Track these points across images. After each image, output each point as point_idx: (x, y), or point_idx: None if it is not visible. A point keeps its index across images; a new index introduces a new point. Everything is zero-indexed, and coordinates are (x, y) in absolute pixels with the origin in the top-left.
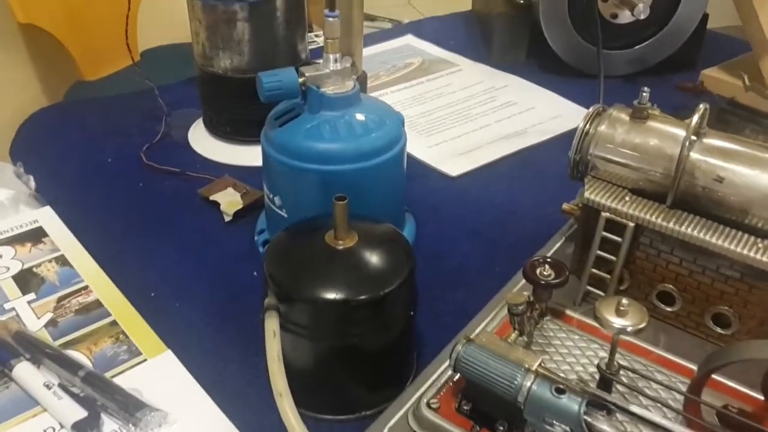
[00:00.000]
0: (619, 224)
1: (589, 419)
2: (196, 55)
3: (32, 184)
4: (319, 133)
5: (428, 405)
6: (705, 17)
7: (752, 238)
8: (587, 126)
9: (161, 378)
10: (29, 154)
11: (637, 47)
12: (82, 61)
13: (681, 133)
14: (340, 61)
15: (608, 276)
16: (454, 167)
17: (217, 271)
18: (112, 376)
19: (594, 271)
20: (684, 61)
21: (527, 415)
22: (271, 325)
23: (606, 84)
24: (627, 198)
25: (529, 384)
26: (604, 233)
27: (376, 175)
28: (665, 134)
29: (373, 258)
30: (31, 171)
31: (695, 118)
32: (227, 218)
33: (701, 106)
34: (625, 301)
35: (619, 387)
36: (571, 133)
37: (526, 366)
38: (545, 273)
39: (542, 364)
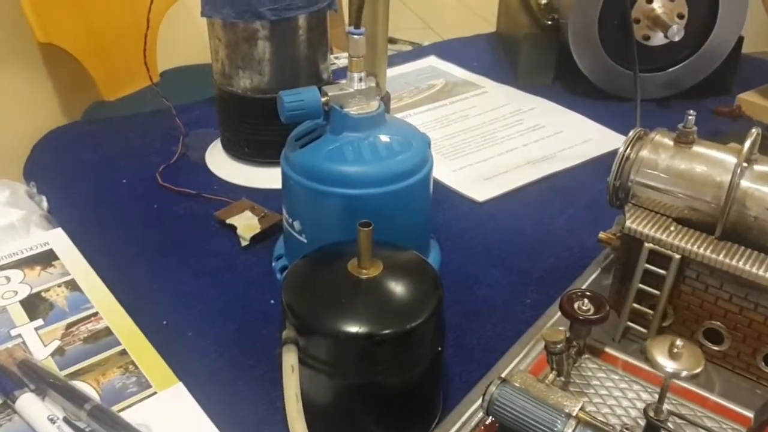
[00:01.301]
0: (663, 256)
1: None
2: (215, 73)
3: (44, 204)
4: (342, 155)
5: None
6: (740, 40)
7: None
8: (628, 150)
9: (171, 413)
10: (42, 174)
11: (670, 70)
12: (101, 81)
13: (730, 159)
14: (365, 80)
15: (651, 311)
16: (480, 192)
17: (232, 298)
18: (120, 410)
19: (635, 306)
20: (719, 85)
21: None
22: (290, 359)
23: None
24: (672, 228)
25: (570, 431)
26: (647, 265)
27: (402, 200)
28: (713, 160)
29: (399, 289)
30: (44, 191)
31: (747, 144)
32: (244, 243)
33: (753, 130)
34: (679, 342)
35: None
36: (603, 157)
37: (567, 411)
38: (584, 308)
39: (583, 409)
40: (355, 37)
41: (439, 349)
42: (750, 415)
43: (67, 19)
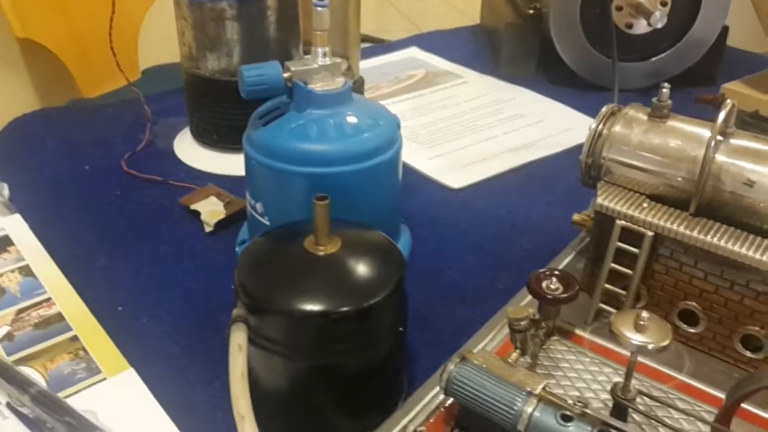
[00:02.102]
0: (636, 233)
1: None
2: (182, 57)
3: (6, 192)
4: (305, 132)
5: None
6: (725, 29)
7: None
8: (600, 126)
9: (121, 399)
10: (6, 161)
11: (653, 59)
12: (80, 78)
13: (705, 133)
14: (329, 55)
15: (623, 292)
16: (456, 179)
17: (193, 284)
18: (67, 396)
19: (607, 286)
20: (703, 75)
21: None
22: (237, 338)
23: (621, 97)
24: (645, 204)
25: (530, 410)
26: (619, 244)
27: (368, 180)
28: (688, 134)
29: (358, 266)
30: (7, 179)
31: (721, 116)
32: (208, 229)
33: (728, 101)
34: (645, 314)
35: (635, 416)
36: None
37: (528, 389)
38: (552, 287)
39: (546, 388)
40: (319, 9)
41: (401, 329)
42: (723, 396)
43: (47, 15)
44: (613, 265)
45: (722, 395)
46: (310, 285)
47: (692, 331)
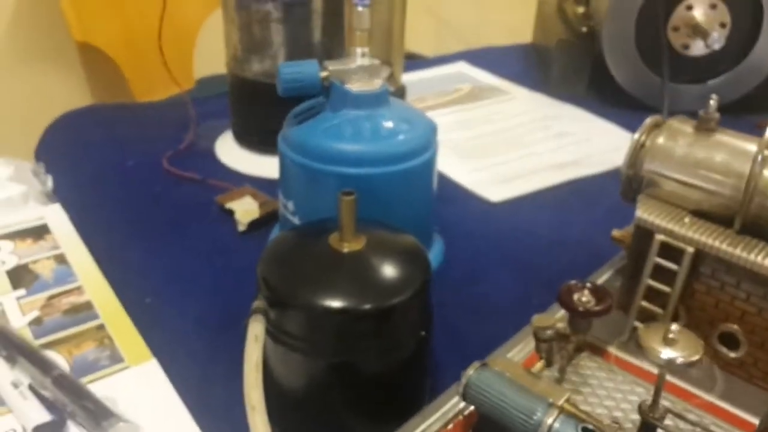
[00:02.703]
0: (676, 249)
1: None
2: (228, 59)
3: (50, 183)
4: (340, 132)
5: None
6: None
7: None
8: (643, 137)
9: (141, 388)
10: (52, 154)
11: (710, 82)
12: (134, 83)
13: (754, 147)
14: (368, 56)
15: (661, 311)
16: (495, 193)
17: (221, 282)
18: (89, 382)
19: (644, 304)
20: (762, 101)
21: None
22: (255, 329)
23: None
24: (687, 220)
25: (550, 421)
26: (658, 259)
27: (401, 183)
28: (734, 148)
29: (382, 265)
30: (52, 171)
31: None
32: (241, 228)
33: None
34: (674, 327)
35: None
36: None
37: (550, 400)
38: (584, 299)
39: (569, 400)
40: (360, 8)
41: (423, 333)
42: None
43: (105, 20)
44: (651, 282)
45: (755, 420)
46: (332, 281)
47: (732, 355)
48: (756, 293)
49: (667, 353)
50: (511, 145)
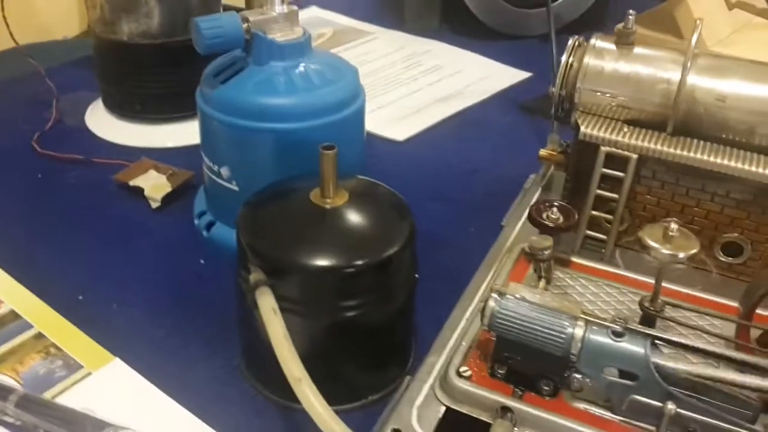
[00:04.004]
0: (618, 158)
1: (657, 360)
2: (93, 21)
3: None
4: (272, 86)
5: (459, 374)
6: None
7: (762, 157)
8: (570, 59)
9: (113, 392)
10: None
11: (553, 5)
12: None
13: (674, 56)
14: (286, 3)
15: (610, 216)
16: (399, 132)
17: (153, 263)
18: (52, 397)
19: (594, 213)
20: (596, 18)
21: (584, 367)
22: (268, 302)
23: (524, 44)
24: (625, 129)
25: (582, 332)
26: (604, 170)
27: (341, 132)
28: (657, 58)
29: (371, 218)
30: None
31: (694, 38)
32: (155, 204)
33: (698, 22)
34: (674, 225)
35: (661, 323)
36: (506, 91)
37: (572, 313)
38: (553, 216)
39: (583, 311)
40: None
41: (416, 276)
42: (729, 303)
43: None
44: (599, 192)
45: (728, 302)
46: (324, 240)
47: None
48: (694, 186)
49: (668, 250)
50: (392, 84)
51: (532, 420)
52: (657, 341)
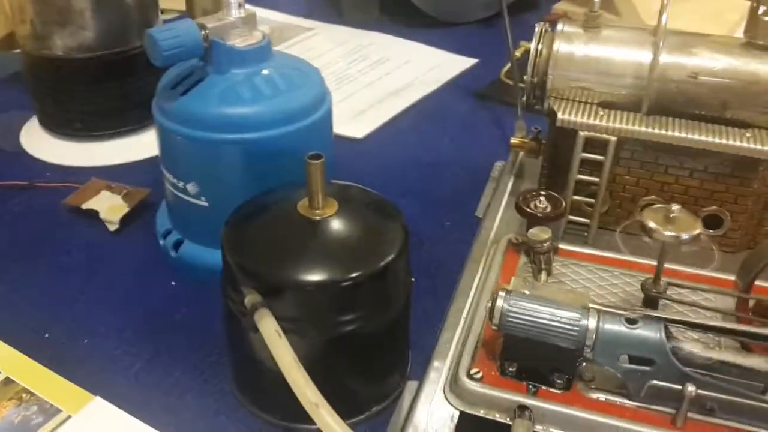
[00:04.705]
0: (597, 142)
1: (674, 343)
2: (22, 37)
3: None
4: (237, 94)
5: (470, 377)
6: None
7: (736, 130)
8: (539, 46)
9: None
10: None
11: None
12: None
13: (643, 36)
14: (243, 7)
15: (591, 200)
16: (357, 129)
17: (122, 290)
18: None
19: (576, 198)
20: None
21: (599, 357)
22: (270, 325)
23: (464, 31)
24: (601, 112)
25: (595, 323)
26: (584, 154)
27: (312, 138)
28: (627, 40)
29: (363, 225)
30: None
31: (664, 18)
32: (112, 227)
33: (665, 1)
34: (675, 207)
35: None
36: (457, 79)
37: (582, 305)
38: (541, 205)
39: (590, 300)
40: None
41: (413, 279)
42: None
43: None
44: (579, 176)
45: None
46: (319, 253)
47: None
48: (672, 164)
49: (670, 232)
50: (343, 80)
51: (551, 416)
52: (670, 324)
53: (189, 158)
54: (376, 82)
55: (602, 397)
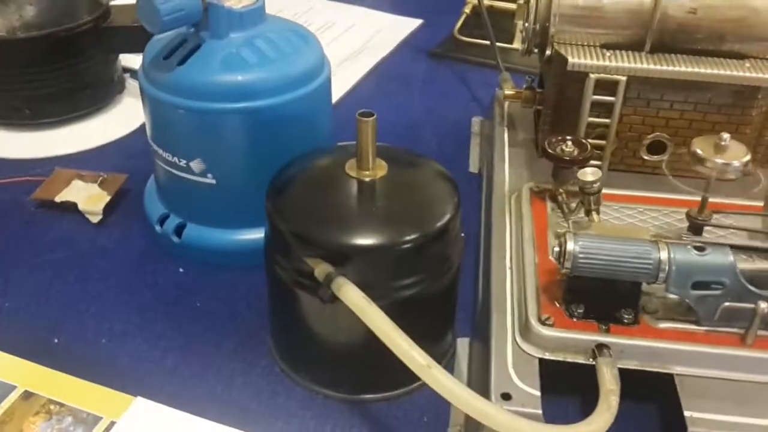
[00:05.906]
0: (606, 83)
1: (744, 266)
2: None
3: None
4: (242, 59)
5: (543, 323)
6: None
7: (735, 61)
8: None
9: None
10: None
11: None
12: None
13: None
14: None
15: (603, 142)
16: None
17: (125, 282)
18: None
19: (589, 141)
20: None
21: (672, 287)
22: (354, 293)
23: None
24: (608, 54)
25: (665, 255)
26: (595, 96)
27: (320, 101)
28: None
29: (417, 185)
30: None
31: None
32: (95, 219)
33: None
34: (725, 135)
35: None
36: (408, 39)
37: (647, 238)
38: (567, 150)
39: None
40: None
41: (462, 235)
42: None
43: None
44: (591, 119)
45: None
46: (378, 215)
47: (658, 158)
48: (677, 99)
49: (721, 160)
50: None
51: (629, 350)
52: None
53: (192, 133)
54: (327, 47)
55: (671, 326)
